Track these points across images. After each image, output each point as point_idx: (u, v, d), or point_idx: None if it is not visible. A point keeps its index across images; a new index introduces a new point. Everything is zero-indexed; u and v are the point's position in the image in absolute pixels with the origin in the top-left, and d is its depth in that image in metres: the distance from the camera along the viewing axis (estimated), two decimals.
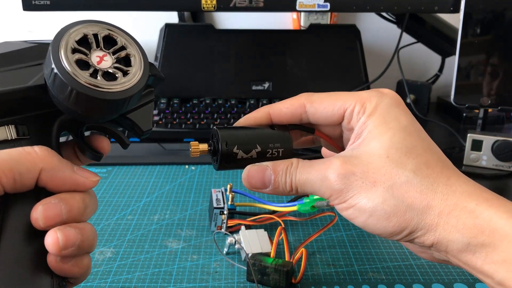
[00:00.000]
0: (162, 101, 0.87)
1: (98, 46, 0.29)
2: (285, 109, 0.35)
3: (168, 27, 0.92)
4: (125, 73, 0.29)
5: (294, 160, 0.34)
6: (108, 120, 0.31)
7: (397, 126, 0.32)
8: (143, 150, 0.75)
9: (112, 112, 0.30)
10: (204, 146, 0.34)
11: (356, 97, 0.33)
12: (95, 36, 0.29)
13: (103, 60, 0.29)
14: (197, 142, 0.34)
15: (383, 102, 0.33)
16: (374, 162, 0.31)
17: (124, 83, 0.28)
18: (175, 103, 0.86)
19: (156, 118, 0.83)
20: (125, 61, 0.30)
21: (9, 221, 0.27)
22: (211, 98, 0.88)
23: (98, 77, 0.28)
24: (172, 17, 1.04)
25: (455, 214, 0.29)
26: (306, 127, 0.37)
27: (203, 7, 0.80)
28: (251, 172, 0.34)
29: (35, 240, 0.28)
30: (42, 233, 0.28)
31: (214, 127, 0.34)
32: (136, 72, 0.29)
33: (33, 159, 0.27)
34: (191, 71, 0.91)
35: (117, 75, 0.29)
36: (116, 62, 0.29)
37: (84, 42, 0.29)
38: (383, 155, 0.31)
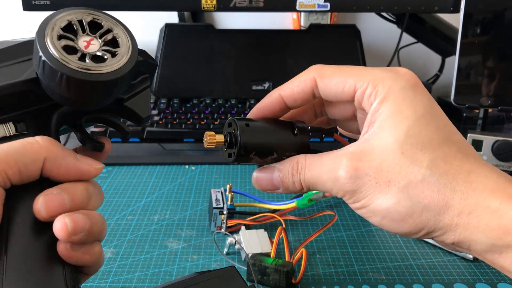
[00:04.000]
0: (162, 101, 0.87)
1: (84, 31, 0.29)
2: (296, 87, 0.33)
3: (168, 27, 0.92)
4: (113, 54, 0.29)
5: (301, 157, 0.32)
6: (104, 106, 0.31)
7: (413, 115, 0.29)
8: (143, 150, 0.75)
9: (105, 95, 0.29)
10: (220, 137, 0.33)
11: (369, 77, 0.31)
12: (80, 22, 0.29)
13: (90, 44, 0.29)
14: (213, 132, 0.33)
15: (398, 85, 0.30)
16: (388, 159, 0.29)
17: (113, 64, 0.28)
18: (175, 103, 0.86)
19: (156, 118, 0.83)
20: (113, 43, 0.30)
21: (16, 214, 0.27)
22: (211, 98, 0.88)
23: (87, 60, 0.28)
24: (172, 17, 1.04)
25: (476, 214, 0.27)
26: (326, 131, 0.36)
27: (203, 7, 0.80)
28: (259, 177, 0.33)
29: (44, 231, 0.28)
30: (50, 223, 0.27)
31: (234, 120, 0.33)
32: (124, 52, 0.29)
33: (36, 150, 0.27)
34: (191, 71, 0.91)
35: (105, 57, 0.28)
36: (103, 45, 0.29)
37: (69, 29, 0.29)
38: (398, 150, 0.29)
